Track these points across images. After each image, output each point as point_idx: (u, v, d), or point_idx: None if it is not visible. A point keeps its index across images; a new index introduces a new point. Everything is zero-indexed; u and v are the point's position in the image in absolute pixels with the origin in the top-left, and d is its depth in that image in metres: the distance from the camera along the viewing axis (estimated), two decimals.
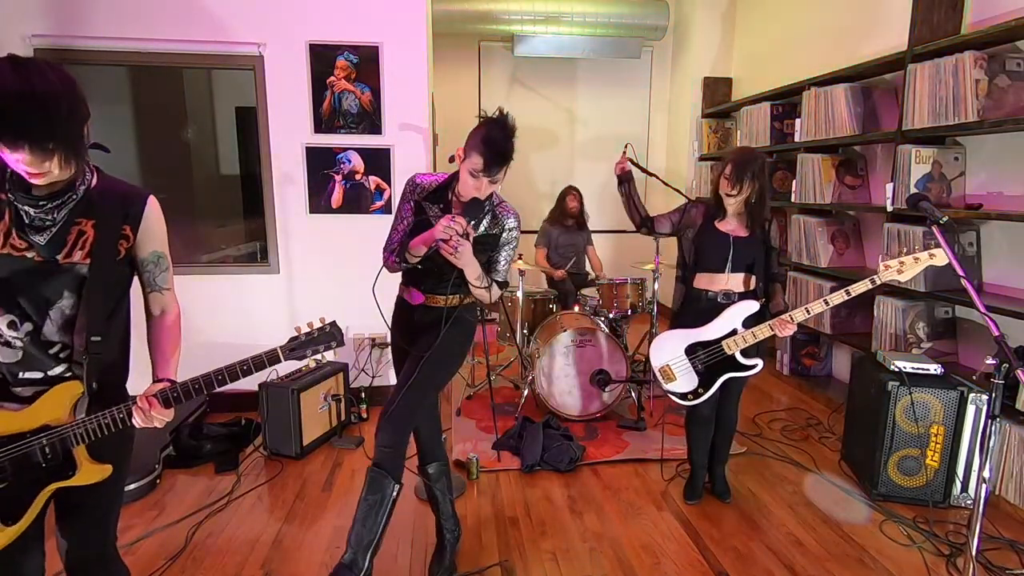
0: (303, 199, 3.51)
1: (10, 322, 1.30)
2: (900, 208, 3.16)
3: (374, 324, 3.73)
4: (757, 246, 2.45)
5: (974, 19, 3.01)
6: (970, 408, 2.56)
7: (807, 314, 2.31)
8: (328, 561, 2.26)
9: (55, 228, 1.31)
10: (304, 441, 3.08)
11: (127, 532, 2.44)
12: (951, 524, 2.53)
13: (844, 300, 2.26)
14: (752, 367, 2.45)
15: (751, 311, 2.40)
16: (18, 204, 1.27)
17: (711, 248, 2.45)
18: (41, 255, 1.30)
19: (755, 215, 2.42)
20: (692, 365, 2.48)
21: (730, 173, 2.36)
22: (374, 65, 3.41)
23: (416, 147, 3.54)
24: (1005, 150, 2.87)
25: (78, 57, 3.21)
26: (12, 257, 1.28)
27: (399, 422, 1.97)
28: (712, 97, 5.54)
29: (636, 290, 3.79)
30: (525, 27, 5.46)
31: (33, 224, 1.29)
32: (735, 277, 2.46)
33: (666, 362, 2.52)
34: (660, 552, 2.35)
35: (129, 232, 1.39)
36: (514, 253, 2.07)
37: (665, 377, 2.53)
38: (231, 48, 3.29)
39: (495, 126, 1.81)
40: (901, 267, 2.14)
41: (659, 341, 2.57)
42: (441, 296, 2.03)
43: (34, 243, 1.29)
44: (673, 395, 2.54)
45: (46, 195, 1.28)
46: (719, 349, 2.43)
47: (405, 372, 2.05)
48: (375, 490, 1.95)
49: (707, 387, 2.47)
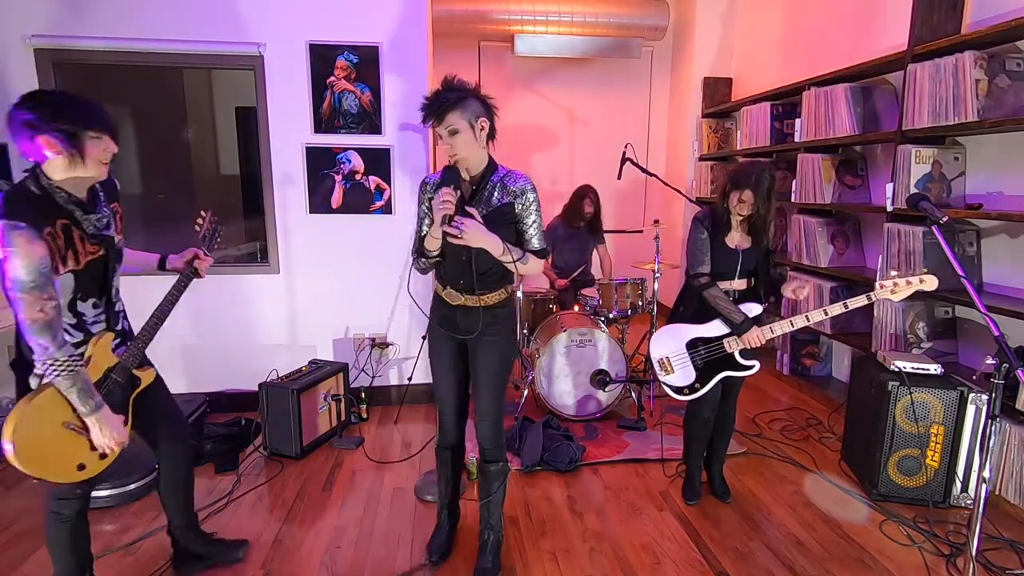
0: (303, 199, 3.51)
1: (94, 303, 1.75)
2: (900, 208, 3.16)
3: (374, 324, 3.73)
4: (759, 253, 2.51)
5: (974, 19, 3.01)
6: (970, 408, 2.56)
7: (807, 321, 2.36)
8: (328, 561, 2.26)
9: (106, 219, 1.74)
10: (304, 441, 3.08)
11: (127, 532, 2.44)
12: (951, 524, 2.53)
13: (842, 312, 2.33)
14: (750, 368, 2.48)
15: (754, 313, 2.43)
16: (76, 219, 1.64)
17: (721, 262, 2.48)
18: (112, 245, 1.75)
19: (762, 228, 2.44)
20: (692, 360, 2.52)
21: (749, 197, 2.36)
22: (374, 65, 3.41)
23: (416, 147, 3.54)
24: (1005, 150, 2.87)
25: (78, 57, 3.21)
26: (95, 260, 1.70)
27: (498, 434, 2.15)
28: (712, 97, 5.54)
29: (636, 290, 3.79)
30: (525, 27, 5.47)
31: (94, 225, 1.69)
32: (740, 281, 2.52)
33: (666, 354, 2.56)
34: (660, 552, 2.35)
35: (118, 207, 1.85)
36: (540, 217, 2.04)
37: (663, 369, 2.56)
38: (231, 48, 3.29)
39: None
40: (895, 288, 2.23)
41: (661, 333, 2.60)
42: (473, 295, 2.03)
43: (104, 238, 1.73)
44: (668, 387, 2.58)
45: (89, 198, 1.69)
46: (720, 346, 2.47)
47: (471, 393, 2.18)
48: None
49: (703, 383, 2.51)
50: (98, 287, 1.74)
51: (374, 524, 2.51)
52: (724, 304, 2.43)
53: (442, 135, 1.90)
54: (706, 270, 2.46)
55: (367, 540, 2.40)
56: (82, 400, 1.64)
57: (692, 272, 2.51)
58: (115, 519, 2.53)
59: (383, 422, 3.56)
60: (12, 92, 3.18)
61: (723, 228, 2.47)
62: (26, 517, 2.55)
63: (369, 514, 2.59)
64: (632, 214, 6.44)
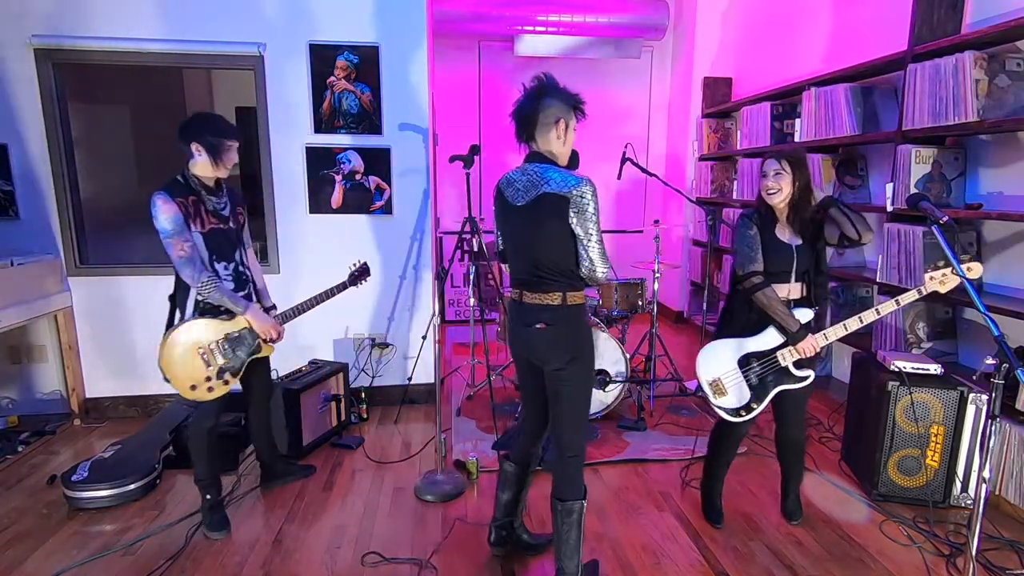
0: (303, 199, 3.51)
1: (224, 265, 2.36)
2: (900, 208, 3.16)
3: (374, 324, 3.73)
4: (811, 251, 2.27)
5: (974, 19, 3.01)
6: (970, 408, 2.56)
7: (860, 323, 2.18)
8: (328, 561, 2.26)
9: (225, 209, 2.37)
10: (304, 441, 3.08)
11: (127, 532, 2.44)
12: (951, 524, 2.53)
13: (893, 310, 2.16)
14: (804, 378, 2.28)
15: (807, 319, 2.22)
16: (205, 199, 2.30)
17: (775, 259, 2.25)
18: (226, 225, 2.38)
19: (801, 213, 2.23)
20: (746, 378, 2.30)
21: (768, 168, 2.21)
22: (374, 65, 3.41)
23: (416, 147, 3.54)
24: (1005, 150, 2.87)
25: (78, 57, 3.21)
26: (217, 229, 2.34)
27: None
28: (712, 97, 5.54)
29: (636, 290, 3.79)
30: (525, 27, 5.47)
31: (215, 210, 2.33)
32: (796, 287, 2.29)
33: (717, 376, 2.32)
34: (660, 552, 2.35)
35: (242, 211, 2.50)
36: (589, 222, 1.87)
37: (716, 392, 2.33)
38: (231, 48, 3.29)
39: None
40: (944, 279, 2.03)
41: (708, 352, 2.36)
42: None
43: (221, 218, 2.35)
44: (723, 411, 2.34)
45: (216, 191, 2.34)
46: (774, 360, 2.27)
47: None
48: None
49: (759, 401, 2.29)
50: (226, 254, 2.36)
51: (374, 524, 2.52)
52: (779, 308, 2.19)
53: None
54: (759, 268, 2.23)
55: (367, 540, 2.40)
56: (233, 303, 2.32)
57: (742, 272, 2.26)
58: (115, 519, 2.53)
59: (383, 422, 3.56)
60: (12, 92, 3.19)
61: (771, 223, 2.27)
62: (26, 517, 2.55)
63: (369, 514, 2.59)
64: (632, 214, 6.44)
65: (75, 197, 3.37)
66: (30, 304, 3.11)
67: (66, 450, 3.16)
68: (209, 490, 2.44)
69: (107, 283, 3.43)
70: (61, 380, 3.49)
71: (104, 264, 3.46)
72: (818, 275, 2.29)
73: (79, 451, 3.15)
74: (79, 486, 2.58)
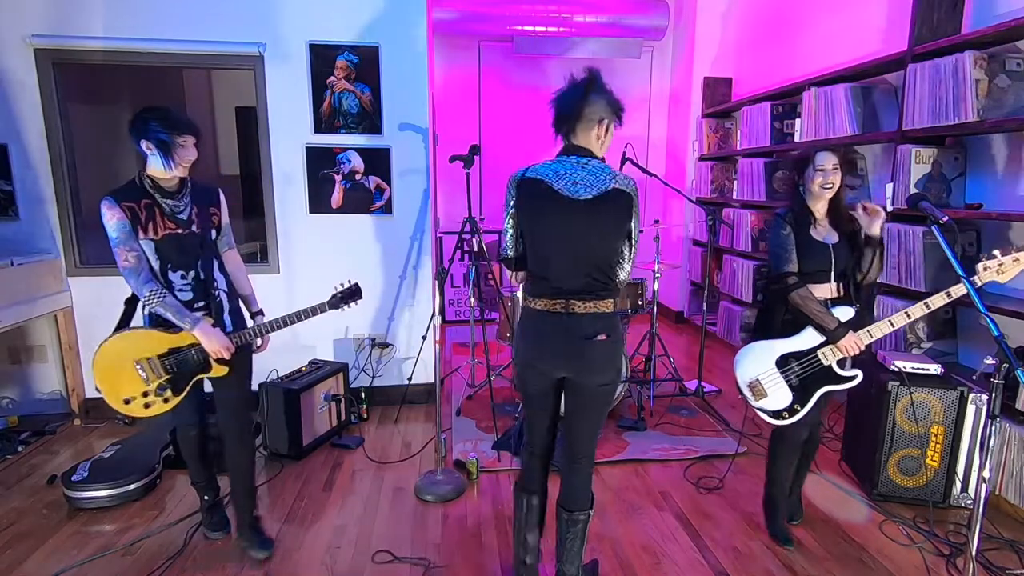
0: (303, 199, 3.51)
1: (181, 275, 2.09)
2: (900, 208, 3.16)
3: (374, 324, 3.73)
4: (849, 248, 2.24)
5: (974, 19, 3.01)
6: (970, 408, 2.56)
7: (907, 319, 2.11)
8: (328, 561, 2.26)
9: (184, 213, 2.08)
10: (304, 441, 3.08)
11: (127, 532, 2.44)
12: (951, 524, 2.53)
13: (946, 303, 2.08)
14: (851, 378, 2.22)
15: (847, 317, 2.17)
16: (160, 203, 2.03)
17: (812, 259, 2.20)
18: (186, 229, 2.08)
19: (839, 209, 2.22)
20: (785, 379, 2.25)
21: (826, 161, 2.15)
22: (374, 65, 3.41)
23: (416, 147, 3.54)
24: (1005, 150, 2.87)
25: (78, 57, 3.21)
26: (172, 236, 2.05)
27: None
28: (712, 97, 5.54)
29: (635, 290, 3.79)
30: (525, 27, 5.47)
31: (172, 214, 2.06)
32: (834, 286, 2.25)
33: (755, 377, 2.27)
34: (660, 552, 2.35)
35: (216, 212, 2.20)
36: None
37: (755, 394, 2.27)
38: (231, 48, 3.29)
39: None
40: (1001, 268, 1.94)
41: (745, 354, 2.32)
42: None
43: (179, 222, 2.07)
44: (764, 413, 2.29)
45: (175, 193, 2.07)
46: (815, 359, 2.21)
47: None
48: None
49: (803, 403, 2.22)
50: (183, 262, 2.09)
51: (374, 524, 2.52)
52: (815, 307, 2.15)
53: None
54: (794, 268, 2.19)
55: (367, 540, 2.40)
56: (179, 319, 2.05)
57: (777, 272, 2.21)
58: (115, 519, 2.53)
59: (383, 422, 3.56)
60: (12, 92, 3.19)
61: (806, 223, 2.22)
62: (26, 517, 2.55)
63: (369, 514, 2.59)
64: None
65: (75, 197, 3.37)
66: (30, 304, 3.11)
67: (66, 450, 3.16)
68: (206, 492, 2.41)
69: (107, 283, 3.42)
70: (61, 380, 3.49)
71: (104, 264, 3.45)
72: (858, 273, 2.25)
73: (79, 451, 3.15)
74: (79, 486, 2.58)
